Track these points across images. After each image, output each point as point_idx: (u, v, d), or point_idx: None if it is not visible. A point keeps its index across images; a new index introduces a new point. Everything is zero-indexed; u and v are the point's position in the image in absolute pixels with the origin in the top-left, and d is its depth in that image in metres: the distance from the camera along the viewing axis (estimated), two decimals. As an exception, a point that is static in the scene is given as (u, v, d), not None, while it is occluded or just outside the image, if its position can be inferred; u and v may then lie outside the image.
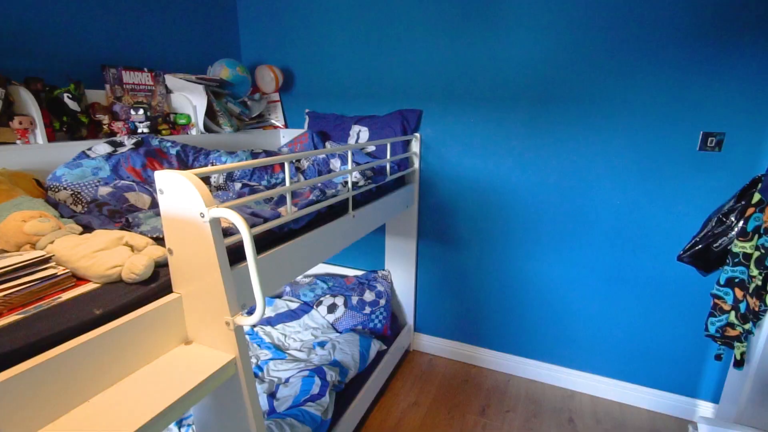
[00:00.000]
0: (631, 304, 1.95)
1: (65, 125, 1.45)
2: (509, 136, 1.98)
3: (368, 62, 2.17)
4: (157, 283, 0.84)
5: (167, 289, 0.86)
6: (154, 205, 1.25)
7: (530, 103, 1.90)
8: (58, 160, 1.32)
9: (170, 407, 0.70)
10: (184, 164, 1.56)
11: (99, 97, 1.62)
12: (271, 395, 1.67)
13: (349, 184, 1.44)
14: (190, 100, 1.84)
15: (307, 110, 2.38)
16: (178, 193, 0.77)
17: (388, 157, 1.84)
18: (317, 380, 1.67)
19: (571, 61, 1.79)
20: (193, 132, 1.87)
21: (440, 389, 2.15)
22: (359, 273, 2.48)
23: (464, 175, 2.11)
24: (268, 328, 2.13)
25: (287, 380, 1.73)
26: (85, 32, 1.67)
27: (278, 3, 2.29)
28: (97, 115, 1.55)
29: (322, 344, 1.99)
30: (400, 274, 2.38)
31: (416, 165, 2.18)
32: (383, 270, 2.43)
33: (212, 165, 1.61)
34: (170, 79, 1.84)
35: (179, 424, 1.53)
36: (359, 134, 2.16)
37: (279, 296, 2.44)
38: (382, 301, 2.24)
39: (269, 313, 2.26)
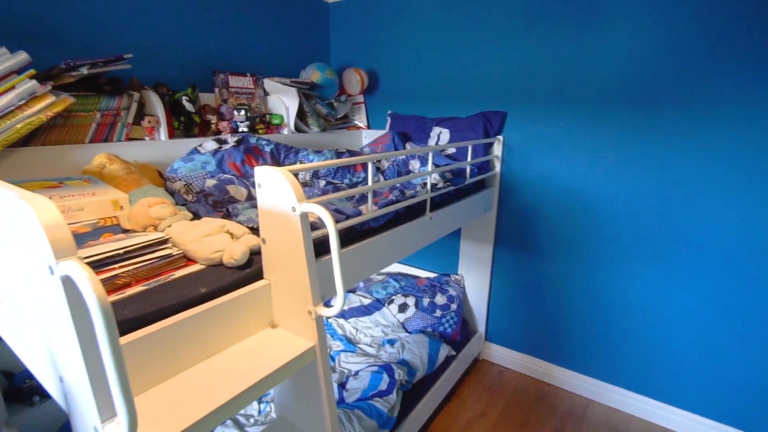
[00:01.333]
0: (746, 338, 1.68)
1: (182, 124, 1.66)
2: (603, 141, 1.82)
3: (452, 63, 2.15)
4: (251, 269, 0.93)
5: (259, 275, 0.94)
6: (250, 197, 1.38)
7: (628, 105, 1.73)
8: (175, 155, 1.51)
9: (257, 384, 0.77)
10: (276, 161, 1.69)
11: (209, 100, 1.82)
12: (341, 385, 1.74)
13: (428, 186, 1.45)
14: (283, 101, 1.99)
15: (389, 112, 2.43)
16: (274, 187, 0.84)
17: (469, 159, 1.80)
18: (385, 377, 1.70)
19: (680, 57, 1.59)
20: (285, 131, 2.01)
21: (510, 404, 2.06)
22: (431, 275, 2.47)
23: (550, 181, 1.99)
24: (341, 321, 2.22)
25: (357, 373, 1.79)
26: (200, 43, 1.88)
27: (367, 8, 2.37)
28: (207, 116, 1.75)
29: (391, 342, 2.02)
30: (474, 279, 2.32)
31: (497, 168, 2.10)
32: (456, 274, 2.39)
33: (300, 163, 1.72)
34: (268, 83, 2.01)
35: (259, 400, 1.66)
36: (440, 136, 2.15)
37: (353, 291, 2.53)
38: (454, 306, 2.20)
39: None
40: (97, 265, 0.78)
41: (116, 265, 0.81)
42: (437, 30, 2.16)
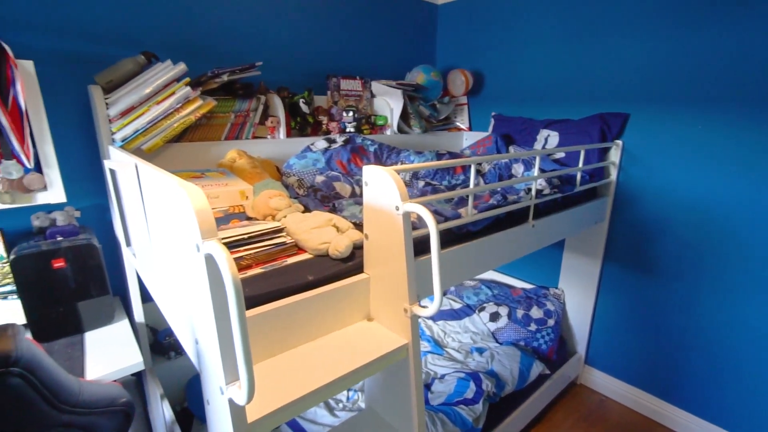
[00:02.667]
0: None
1: (298, 124, 1.81)
2: (752, 149, 1.52)
3: (566, 61, 1.99)
4: (353, 262, 0.98)
5: (360, 269, 0.98)
6: (353, 194, 1.45)
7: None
8: (291, 152, 1.66)
9: (352, 372, 0.81)
10: (379, 161, 1.75)
11: (322, 102, 1.96)
12: (426, 386, 1.74)
13: (533, 192, 1.37)
14: (388, 103, 2.05)
15: (493, 113, 2.35)
16: (380, 186, 0.88)
17: (580, 165, 1.66)
18: (472, 385, 1.66)
19: None
20: (388, 132, 2.08)
21: (611, 438, 1.85)
22: (528, 286, 2.33)
23: (679, 191, 1.73)
24: (430, 322, 2.22)
25: (443, 377, 1.77)
26: (317, 50, 2.04)
27: (477, 7, 2.32)
28: (319, 116, 1.89)
29: (480, 351, 1.96)
30: (576, 296, 2.13)
31: (613, 176, 1.90)
32: (556, 288, 2.22)
33: (401, 163, 1.76)
34: (375, 85, 2.09)
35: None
36: (547, 139, 2.01)
37: (443, 293, 2.50)
38: (551, 322, 2.05)
39: (432, 307, 2.35)
40: (228, 247, 0.90)
41: (242, 248, 0.92)
42: (551, 25, 2.02)
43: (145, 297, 1.50)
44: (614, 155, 1.87)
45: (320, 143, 1.70)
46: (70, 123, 1.42)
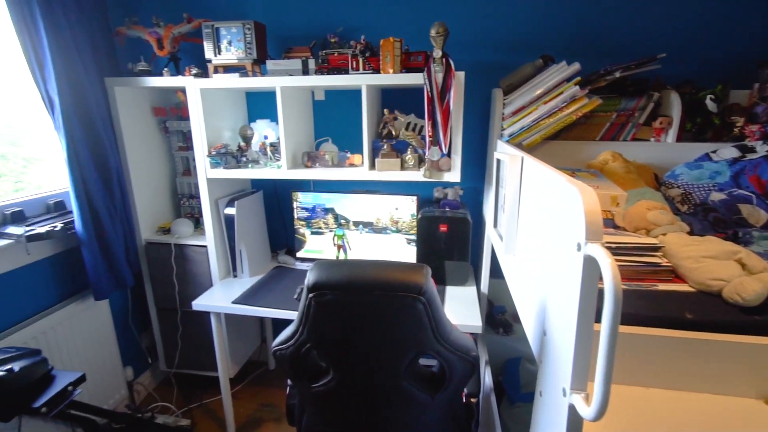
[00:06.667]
0: None
1: (695, 126, 1.48)
2: None
3: None
4: (761, 316, 0.72)
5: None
6: (772, 225, 1.05)
7: None
8: (678, 159, 1.39)
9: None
10: (833, 184, 1.18)
11: (739, 98, 1.50)
12: None
13: None
14: None
15: None
16: None
17: None
18: None
19: None
20: None
21: None
22: None
23: None
24: None
25: None
26: (743, 29, 1.55)
27: None
28: (731, 117, 1.46)
29: None
30: None
31: None
32: None
33: None
34: None
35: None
36: None
37: None
38: None
39: None
40: (592, 252, 0.87)
41: (606, 257, 0.86)
42: None
43: (492, 272, 1.71)
44: None
45: (727, 151, 1.32)
46: (473, 119, 1.76)
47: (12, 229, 1.42)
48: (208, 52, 1.59)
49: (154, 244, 1.85)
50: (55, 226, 1.49)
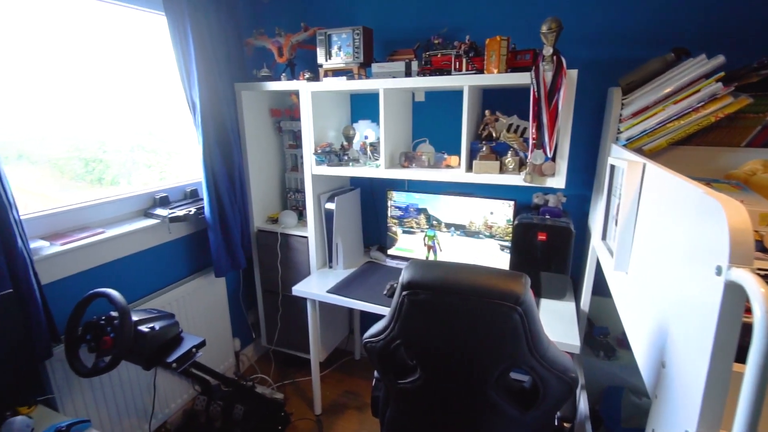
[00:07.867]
0: None
1: None
2: None
3: None
4: None
5: None
6: None
7: None
8: None
9: None
10: None
11: None
12: None
13: None
14: None
15: None
16: None
17: None
18: None
19: None
20: None
21: None
22: None
23: None
24: None
25: None
26: None
27: None
28: None
29: None
30: None
31: None
32: None
33: None
34: None
35: None
36: None
37: None
38: None
39: None
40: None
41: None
42: None
43: (595, 289, 1.56)
44: None
45: None
46: (583, 121, 1.63)
47: (159, 211, 1.70)
48: (320, 57, 1.71)
49: (264, 232, 2.06)
50: (190, 211, 1.75)
